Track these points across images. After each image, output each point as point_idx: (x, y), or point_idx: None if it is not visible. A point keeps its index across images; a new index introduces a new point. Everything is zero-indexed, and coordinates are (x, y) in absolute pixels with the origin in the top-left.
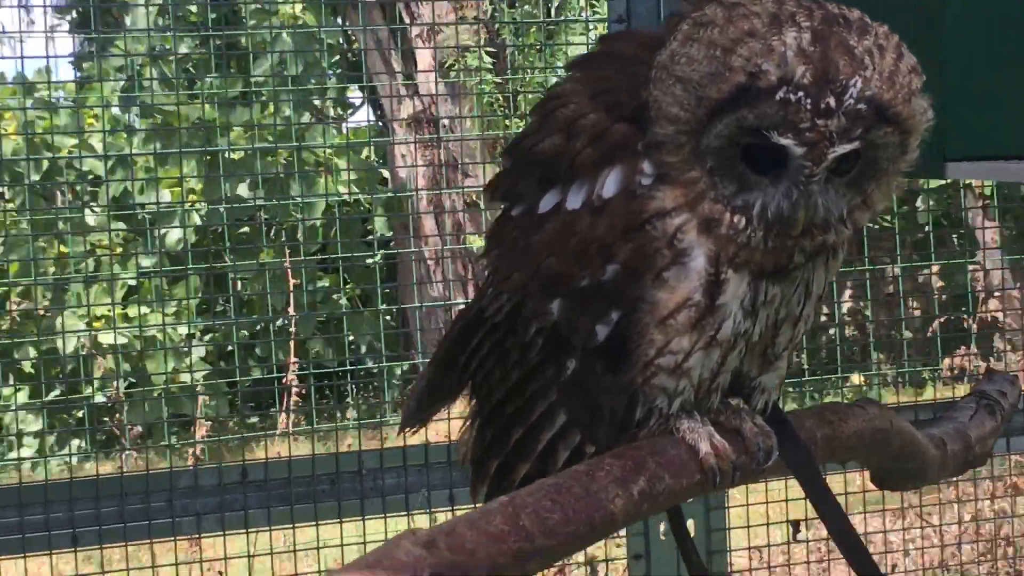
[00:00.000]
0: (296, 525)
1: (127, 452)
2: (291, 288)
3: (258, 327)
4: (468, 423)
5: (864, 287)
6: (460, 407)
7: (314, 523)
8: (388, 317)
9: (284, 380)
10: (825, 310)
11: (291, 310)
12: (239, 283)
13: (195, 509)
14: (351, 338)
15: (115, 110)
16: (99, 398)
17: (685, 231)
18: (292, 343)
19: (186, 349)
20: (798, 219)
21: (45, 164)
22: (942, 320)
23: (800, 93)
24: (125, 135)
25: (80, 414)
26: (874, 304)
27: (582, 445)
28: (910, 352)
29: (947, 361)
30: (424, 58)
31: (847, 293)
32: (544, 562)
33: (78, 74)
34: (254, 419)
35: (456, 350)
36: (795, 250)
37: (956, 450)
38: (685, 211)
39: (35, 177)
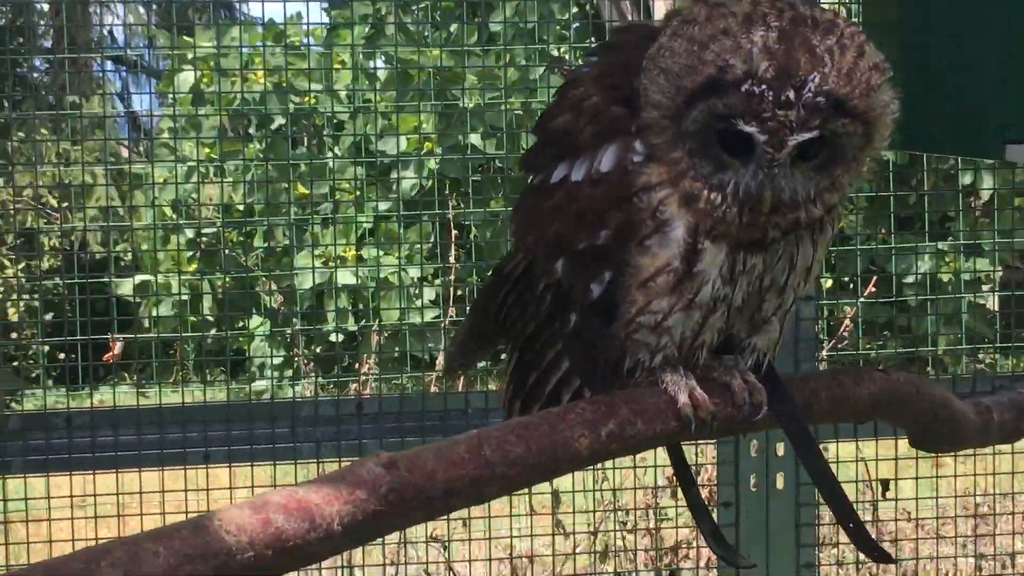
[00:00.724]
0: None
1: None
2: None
3: (489, 272)
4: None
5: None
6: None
7: None
8: None
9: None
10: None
11: None
12: (472, 229)
13: (315, 436)
14: None
15: (360, 56)
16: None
17: (667, 204)
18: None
19: (417, 291)
20: (764, 198)
21: (291, 108)
22: None
23: (763, 86)
24: (367, 82)
25: (318, 349)
26: None
27: (581, 390)
28: None
29: None
30: (660, 9)
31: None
32: (503, 489)
33: (329, 20)
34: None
35: (488, 301)
36: (768, 226)
37: (1006, 419)
38: (668, 186)
39: (281, 121)
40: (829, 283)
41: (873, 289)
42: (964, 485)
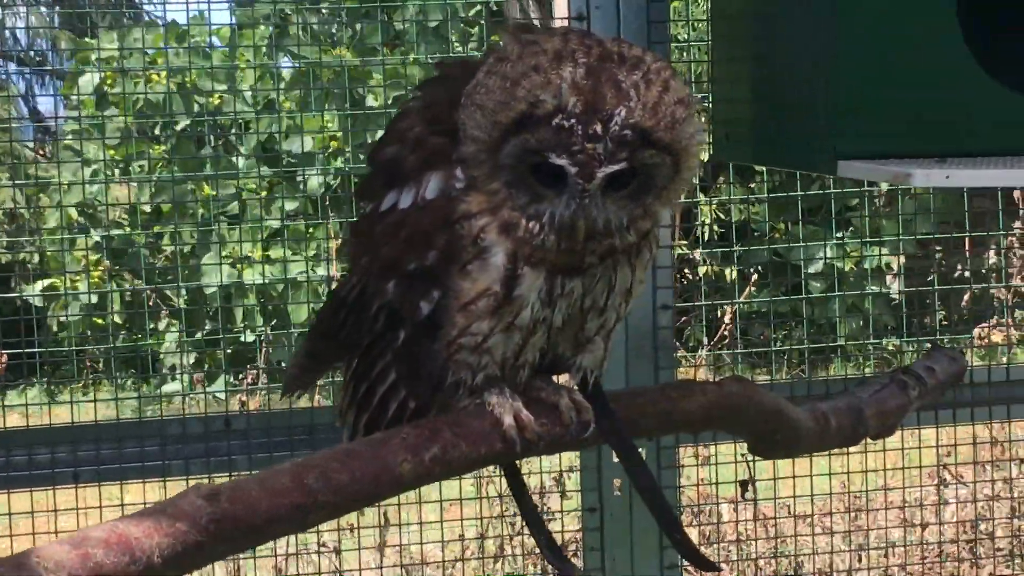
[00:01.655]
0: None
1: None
2: None
3: None
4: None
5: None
6: None
7: None
8: None
9: None
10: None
11: None
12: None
13: (184, 454)
14: None
15: (264, 56)
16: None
17: (487, 231)
18: None
19: (324, 291)
20: (579, 227)
21: (195, 109)
22: None
23: (572, 120)
24: (272, 81)
25: (228, 351)
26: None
27: (406, 400)
28: None
29: None
30: (560, 7)
31: (991, 252)
32: (328, 515)
33: (232, 20)
34: None
35: (328, 322)
36: (585, 252)
37: (843, 423)
38: (487, 215)
39: (185, 122)
40: (734, 275)
41: (754, 288)
42: (839, 481)
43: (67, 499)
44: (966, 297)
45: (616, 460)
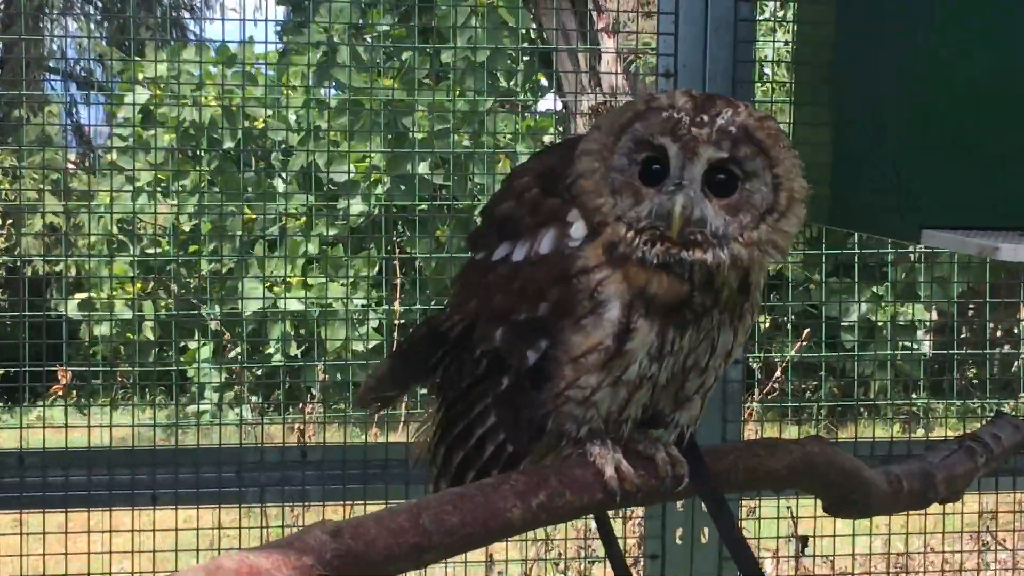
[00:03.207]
0: (347, 503)
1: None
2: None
3: (432, 302)
4: (425, 426)
5: None
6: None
7: (363, 503)
8: None
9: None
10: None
11: None
12: (417, 259)
13: (260, 481)
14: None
15: (309, 83)
16: (278, 359)
17: (604, 285)
18: None
19: (361, 318)
20: (675, 213)
21: (240, 132)
22: None
23: (682, 113)
24: (317, 108)
25: (259, 372)
26: None
27: (504, 443)
28: None
29: None
30: (608, 47)
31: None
32: (440, 556)
33: (280, 45)
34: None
35: (420, 351)
36: (692, 295)
37: (914, 488)
38: (605, 268)
39: (229, 144)
40: (767, 324)
41: (804, 343)
42: (882, 541)
43: (146, 520)
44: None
45: (680, 509)
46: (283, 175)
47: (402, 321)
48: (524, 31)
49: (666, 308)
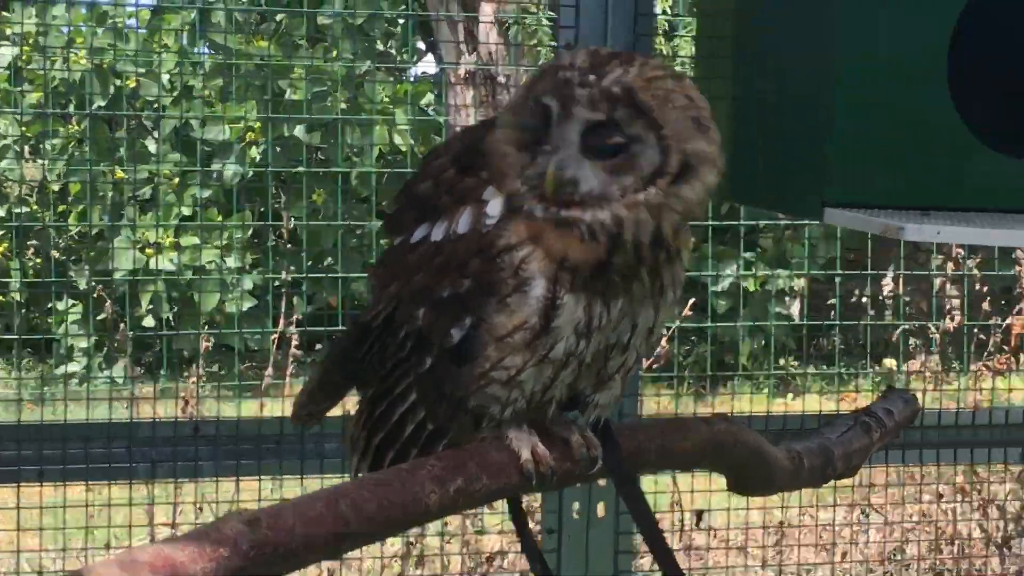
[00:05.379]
0: (240, 478)
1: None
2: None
3: (307, 265)
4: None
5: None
6: None
7: (257, 478)
8: None
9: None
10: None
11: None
12: (291, 221)
13: (151, 457)
14: None
15: (183, 42)
16: (149, 321)
17: (528, 261)
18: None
19: (234, 280)
20: (549, 174)
21: (111, 91)
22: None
23: (574, 72)
24: (191, 69)
25: (130, 334)
26: (914, 293)
27: (424, 422)
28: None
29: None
30: (486, 14)
31: (888, 279)
32: (358, 543)
33: (152, 2)
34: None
35: (348, 353)
36: (600, 245)
37: (815, 464)
38: (528, 244)
39: (100, 103)
40: None
41: (689, 312)
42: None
43: (32, 497)
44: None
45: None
46: (155, 135)
47: (277, 283)
48: None
49: (590, 275)
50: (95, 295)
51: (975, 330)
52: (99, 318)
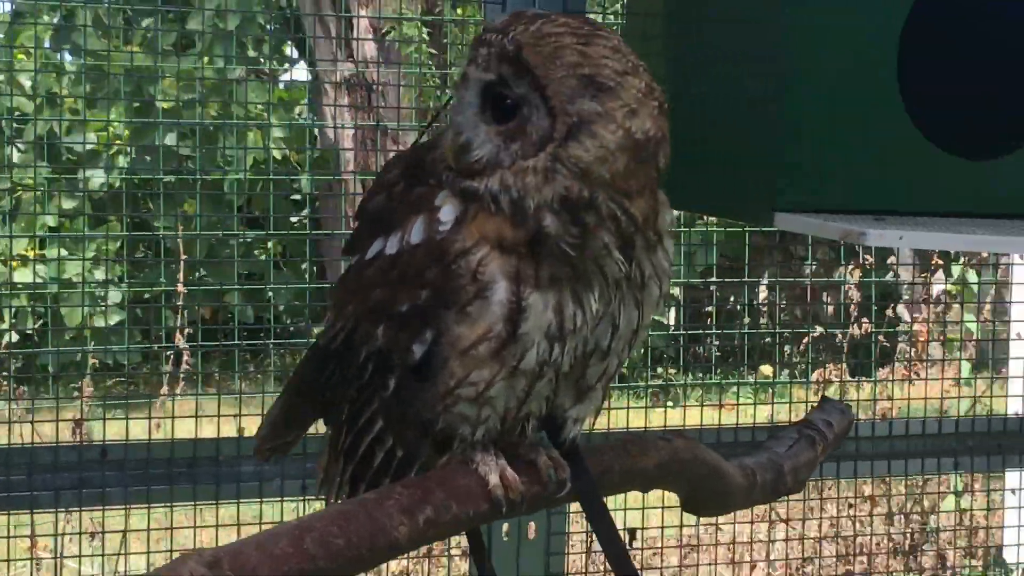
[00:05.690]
0: (151, 506)
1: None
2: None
3: (177, 277)
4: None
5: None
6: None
7: (169, 504)
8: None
9: (175, 342)
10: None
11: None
12: (160, 232)
13: (55, 484)
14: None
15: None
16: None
17: (485, 263)
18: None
19: (102, 293)
20: (448, 137)
21: None
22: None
23: (489, 33)
24: (55, 75)
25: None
26: (789, 299)
27: (394, 448)
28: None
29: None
30: (362, 22)
31: (763, 285)
32: None
33: (11, 6)
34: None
35: (311, 380)
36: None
37: (767, 479)
38: (483, 245)
39: None
40: None
41: None
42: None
43: None
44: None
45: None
46: (18, 144)
47: (146, 295)
48: None
49: (528, 252)
50: None
51: (880, 337)
52: None
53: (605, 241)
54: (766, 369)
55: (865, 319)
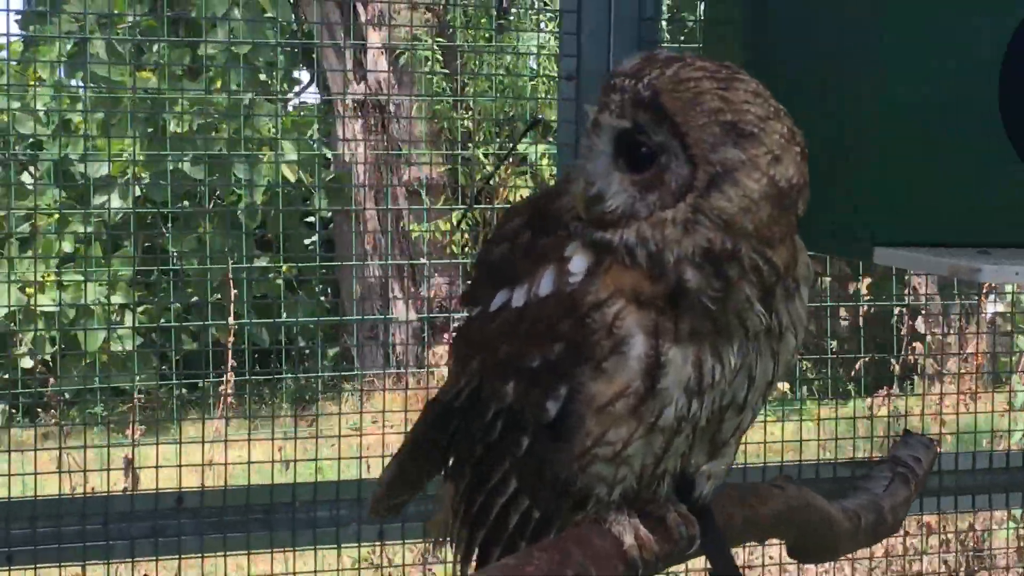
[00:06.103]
0: (228, 553)
1: (60, 423)
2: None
3: (193, 300)
4: (443, 507)
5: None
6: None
7: (246, 552)
8: (323, 297)
9: (223, 358)
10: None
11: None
12: (177, 257)
13: (130, 533)
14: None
15: (60, 74)
16: (27, 363)
17: (623, 316)
18: (231, 319)
19: (119, 319)
20: (575, 182)
21: None
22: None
23: (619, 78)
24: (68, 101)
25: (6, 376)
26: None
27: (530, 510)
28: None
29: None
30: (375, 37)
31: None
32: None
33: (24, 33)
34: (183, 391)
35: (428, 438)
36: (650, 272)
37: (869, 521)
38: (619, 298)
39: None
40: None
41: None
42: None
43: None
44: None
45: None
46: (31, 170)
47: (163, 321)
48: (285, 23)
49: (667, 307)
50: None
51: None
52: None
53: (747, 293)
54: (782, 386)
55: (917, 343)
